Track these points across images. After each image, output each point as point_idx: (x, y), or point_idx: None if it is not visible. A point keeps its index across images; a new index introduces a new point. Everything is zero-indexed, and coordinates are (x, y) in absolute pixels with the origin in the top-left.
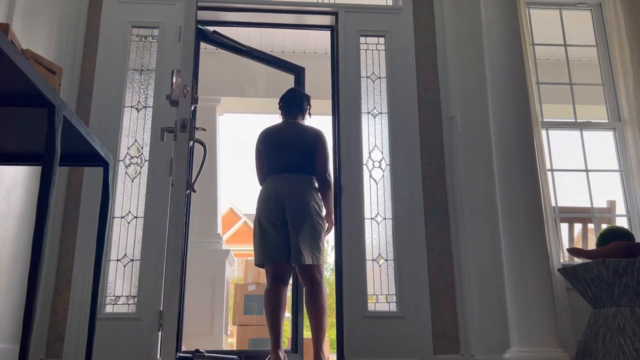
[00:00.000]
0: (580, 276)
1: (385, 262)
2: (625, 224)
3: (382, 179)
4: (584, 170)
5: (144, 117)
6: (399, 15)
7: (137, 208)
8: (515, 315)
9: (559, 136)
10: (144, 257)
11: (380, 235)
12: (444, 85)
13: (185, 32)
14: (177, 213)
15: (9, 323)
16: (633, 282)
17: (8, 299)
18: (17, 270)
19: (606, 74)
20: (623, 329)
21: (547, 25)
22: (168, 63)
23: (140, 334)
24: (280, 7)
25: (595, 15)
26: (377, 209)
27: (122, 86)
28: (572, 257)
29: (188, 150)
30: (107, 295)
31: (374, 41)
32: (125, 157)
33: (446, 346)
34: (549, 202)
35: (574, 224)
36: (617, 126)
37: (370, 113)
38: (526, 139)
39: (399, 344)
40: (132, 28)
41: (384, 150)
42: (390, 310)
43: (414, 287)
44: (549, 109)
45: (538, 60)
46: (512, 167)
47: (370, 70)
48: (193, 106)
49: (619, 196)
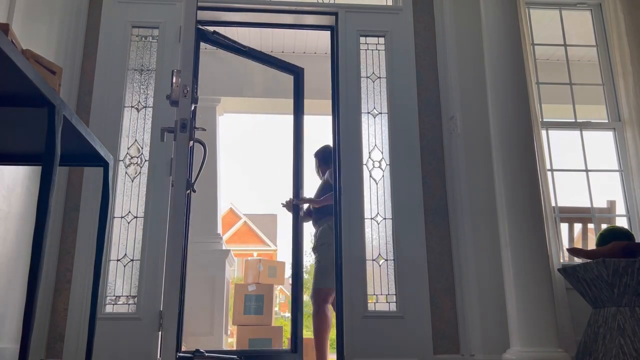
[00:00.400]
0: (580, 276)
1: (385, 262)
2: (625, 224)
3: (382, 179)
4: (584, 170)
5: (144, 117)
6: (399, 15)
7: (137, 208)
8: (515, 315)
9: (559, 136)
10: (144, 257)
11: (380, 235)
12: (444, 85)
13: (185, 32)
14: (177, 213)
15: (9, 323)
16: (633, 282)
17: (8, 299)
18: (17, 270)
19: (606, 74)
20: (623, 329)
21: (547, 25)
22: (168, 63)
23: (140, 334)
24: (280, 7)
25: (595, 15)
26: (377, 209)
27: (122, 86)
28: (572, 257)
29: (188, 150)
30: (107, 295)
31: (374, 41)
32: (125, 157)
33: (446, 346)
34: (549, 202)
35: (574, 224)
36: (617, 126)
37: (370, 113)
38: (526, 139)
39: (399, 344)
40: (132, 28)
41: (384, 150)
42: (390, 310)
43: (414, 287)
44: (549, 109)
45: (538, 60)
46: (512, 167)
47: (370, 70)
48: (193, 106)
49: (619, 196)
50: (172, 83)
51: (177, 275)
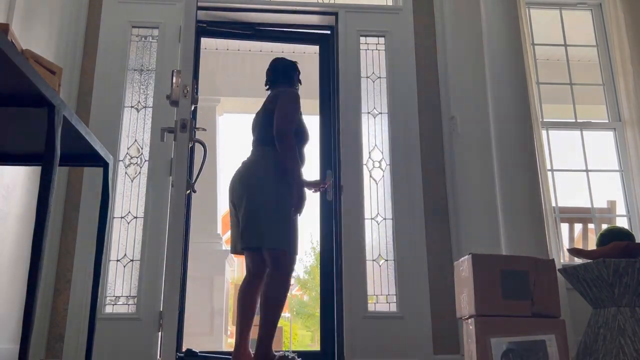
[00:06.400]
0: (581, 276)
1: (385, 262)
2: (625, 224)
3: (382, 179)
4: (584, 170)
5: (144, 117)
6: (399, 15)
7: (137, 208)
8: None
9: (559, 136)
10: (143, 257)
11: (380, 235)
12: (444, 85)
13: (185, 32)
14: (177, 213)
15: (9, 323)
16: (633, 282)
17: (8, 298)
18: (17, 270)
19: (606, 74)
20: (623, 329)
21: (547, 25)
22: (168, 63)
23: (140, 334)
24: (280, 7)
25: (595, 15)
26: (377, 209)
27: (122, 86)
28: (572, 257)
29: (188, 150)
30: (107, 295)
31: (374, 41)
32: (125, 157)
33: (446, 346)
34: (549, 202)
35: (574, 224)
36: (617, 126)
37: (370, 113)
38: (526, 139)
39: (399, 344)
40: (132, 28)
41: (384, 150)
42: (390, 310)
43: (414, 287)
44: (549, 109)
45: (538, 60)
46: (512, 167)
47: (370, 70)
48: (193, 106)
49: (619, 196)
50: (172, 83)
51: (177, 275)
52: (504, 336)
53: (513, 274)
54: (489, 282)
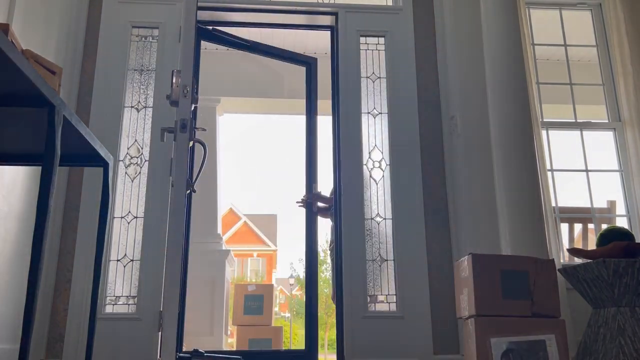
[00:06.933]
0: (581, 276)
1: (385, 262)
2: (625, 224)
3: (382, 179)
4: (584, 171)
5: (144, 117)
6: (399, 15)
7: (137, 208)
8: None
9: (559, 136)
10: (144, 257)
11: (379, 235)
12: (444, 85)
13: (185, 32)
14: (177, 213)
15: (9, 323)
16: (633, 282)
17: (8, 298)
18: (17, 270)
19: (606, 74)
20: (623, 329)
21: (547, 25)
22: (168, 63)
23: (140, 334)
24: (280, 7)
25: (595, 15)
26: (377, 209)
27: (122, 86)
28: (572, 257)
29: (188, 150)
30: (107, 295)
31: (374, 41)
32: (125, 157)
33: (446, 346)
34: (549, 202)
35: (574, 224)
36: (617, 126)
37: (370, 113)
38: (526, 139)
39: (399, 344)
40: (132, 28)
41: (384, 151)
42: (390, 310)
43: (414, 287)
44: (549, 109)
45: (538, 60)
46: (512, 167)
47: (370, 70)
48: (193, 106)
49: (619, 196)
50: (172, 83)
51: (177, 275)
52: (504, 336)
53: (513, 274)
54: (488, 282)
